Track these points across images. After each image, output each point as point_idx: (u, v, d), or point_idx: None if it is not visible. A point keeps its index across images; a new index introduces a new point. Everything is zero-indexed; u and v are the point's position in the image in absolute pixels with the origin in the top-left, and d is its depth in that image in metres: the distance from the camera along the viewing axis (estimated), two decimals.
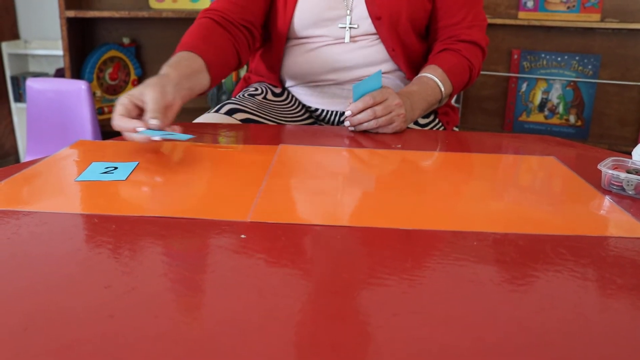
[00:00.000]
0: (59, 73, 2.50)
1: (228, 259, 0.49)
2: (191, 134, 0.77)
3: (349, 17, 1.05)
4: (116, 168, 0.70)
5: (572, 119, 2.24)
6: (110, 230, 0.53)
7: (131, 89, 0.79)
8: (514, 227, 0.57)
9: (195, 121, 1.00)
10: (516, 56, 2.24)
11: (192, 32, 0.97)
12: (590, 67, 2.17)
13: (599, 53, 2.16)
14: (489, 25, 1.15)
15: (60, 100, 1.71)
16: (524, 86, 2.27)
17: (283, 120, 1.10)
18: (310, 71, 1.11)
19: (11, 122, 2.63)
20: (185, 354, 0.35)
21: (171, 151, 0.78)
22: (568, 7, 2.13)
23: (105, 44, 2.38)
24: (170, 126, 0.78)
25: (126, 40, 2.43)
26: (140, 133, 0.73)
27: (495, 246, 0.53)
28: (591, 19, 2.10)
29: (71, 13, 2.17)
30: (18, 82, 2.53)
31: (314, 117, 1.18)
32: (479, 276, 0.47)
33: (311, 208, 0.61)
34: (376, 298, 0.43)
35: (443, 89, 1.03)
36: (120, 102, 0.77)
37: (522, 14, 2.19)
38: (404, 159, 0.81)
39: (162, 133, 0.74)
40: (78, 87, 1.69)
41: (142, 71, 2.47)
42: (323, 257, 0.50)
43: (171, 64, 0.87)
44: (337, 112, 1.14)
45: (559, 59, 2.20)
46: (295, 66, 1.13)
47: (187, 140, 0.77)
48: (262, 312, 0.40)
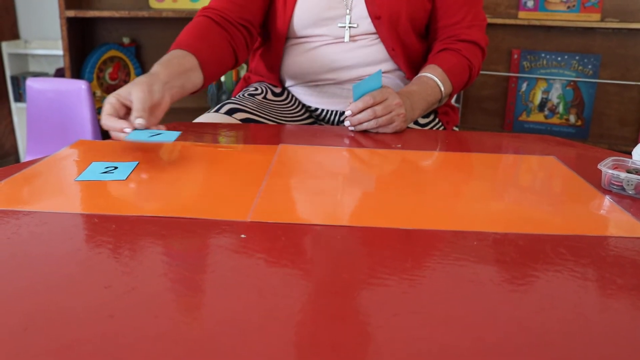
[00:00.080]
0: (59, 73, 2.50)
1: (228, 259, 0.49)
2: (178, 131, 0.77)
3: (349, 17, 1.05)
4: (116, 168, 0.70)
5: (572, 119, 2.24)
6: (110, 230, 0.53)
7: (119, 88, 0.79)
8: (514, 227, 0.57)
9: (195, 121, 1.00)
10: (516, 56, 2.24)
11: (188, 31, 0.97)
12: (590, 67, 2.17)
13: (599, 53, 2.16)
14: (489, 25, 1.15)
15: (60, 100, 1.71)
16: (524, 86, 2.27)
17: (283, 120, 1.10)
18: (310, 71, 1.11)
19: (11, 122, 2.64)
20: (185, 354, 0.35)
21: (171, 151, 0.78)
22: (568, 7, 2.13)
23: (105, 44, 2.38)
24: (156, 125, 0.78)
25: (126, 40, 2.43)
26: (127, 136, 0.73)
27: (495, 246, 0.53)
28: (591, 19, 2.10)
29: (71, 13, 2.17)
30: (18, 82, 2.53)
31: (314, 117, 1.18)
32: (479, 276, 0.47)
33: (311, 208, 0.61)
34: (376, 298, 0.43)
35: (443, 89, 1.03)
36: (108, 102, 0.77)
37: (522, 14, 2.19)
38: (404, 159, 0.81)
39: (149, 133, 0.74)
40: (78, 87, 1.69)
41: (142, 71, 2.47)
42: (323, 257, 0.50)
43: (162, 62, 0.87)
44: (337, 112, 1.14)
45: (559, 59, 2.20)
46: (295, 66, 1.13)
47: (176, 138, 0.75)
48: (262, 312, 0.40)
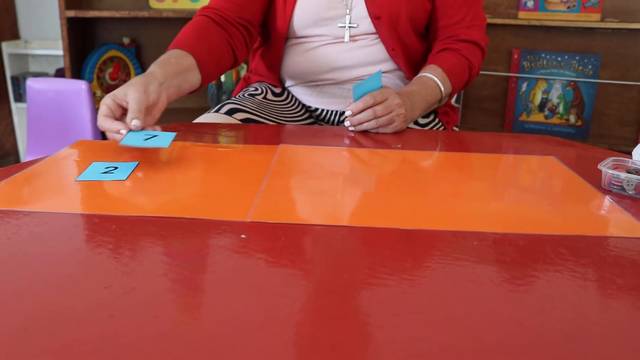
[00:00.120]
0: (59, 73, 2.50)
1: (228, 259, 0.49)
2: (173, 132, 0.76)
3: (349, 17, 1.06)
4: (116, 168, 0.70)
5: (572, 119, 2.24)
6: (110, 230, 0.53)
7: (115, 89, 0.79)
8: (514, 227, 0.57)
9: (195, 121, 1.00)
10: (516, 56, 2.24)
11: (187, 30, 0.97)
12: (590, 67, 2.17)
13: (599, 53, 2.16)
14: (489, 25, 1.16)
15: (60, 100, 1.71)
16: (524, 86, 2.27)
17: (283, 120, 1.10)
18: (310, 71, 1.11)
19: (11, 122, 2.64)
20: (185, 354, 0.35)
21: (171, 151, 0.78)
22: (568, 7, 2.13)
23: (105, 44, 2.38)
24: (152, 126, 0.78)
25: (126, 40, 2.43)
26: (122, 141, 0.73)
27: (495, 246, 0.53)
28: (591, 19, 2.10)
29: (71, 13, 2.17)
30: (18, 82, 2.53)
31: (314, 117, 1.18)
32: (479, 276, 0.47)
33: (311, 208, 0.61)
34: (376, 298, 0.43)
35: (443, 89, 1.03)
36: (104, 103, 0.77)
37: (522, 14, 2.19)
38: (404, 159, 0.81)
39: (144, 135, 0.74)
40: (78, 87, 1.69)
41: (142, 71, 2.47)
42: (323, 257, 0.50)
43: (159, 62, 0.87)
44: (337, 112, 1.14)
45: (559, 59, 2.20)
46: (294, 66, 1.13)
47: (170, 142, 0.74)
48: (262, 312, 0.40)
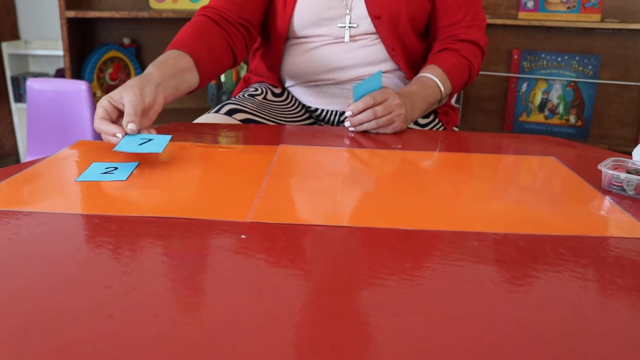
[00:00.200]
0: (59, 73, 2.50)
1: (228, 259, 0.49)
2: (168, 135, 0.76)
3: (349, 17, 1.06)
4: (116, 168, 0.70)
5: (572, 119, 2.24)
6: (110, 230, 0.53)
7: (112, 91, 0.79)
8: (514, 228, 0.57)
9: (195, 121, 1.00)
10: (516, 56, 2.24)
11: (186, 30, 0.97)
12: (590, 68, 2.17)
13: (599, 53, 2.16)
14: (489, 25, 1.16)
15: (60, 100, 1.71)
16: (524, 86, 2.27)
17: (283, 120, 1.10)
18: (309, 71, 1.11)
19: (11, 123, 2.64)
20: (185, 354, 0.35)
21: (171, 151, 0.78)
22: (568, 8, 2.13)
23: (105, 44, 2.38)
24: (148, 129, 0.78)
25: (126, 40, 2.43)
26: (116, 147, 0.72)
27: (495, 246, 0.53)
28: (591, 19, 2.10)
29: (71, 13, 2.17)
30: (18, 83, 2.53)
31: (314, 117, 1.18)
32: (479, 276, 0.47)
33: (311, 208, 0.61)
34: (376, 298, 0.43)
35: (443, 89, 1.03)
36: (100, 105, 0.77)
37: (522, 14, 2.19)
38: (404, 159, 0.81)
39: (139, 140, 0.74)
40: (78, 88, 1.69)
41: (142, 71, 2.46)
42: (323, 258, 0.50)
43: (156, 63, 0.87)
44: (337, 112, 1.14)
45: (559, 59, 2.20)
46: (294, 66, 1.13)
47: (165, 146, 0.73)
48: (262, 312, 0.40)
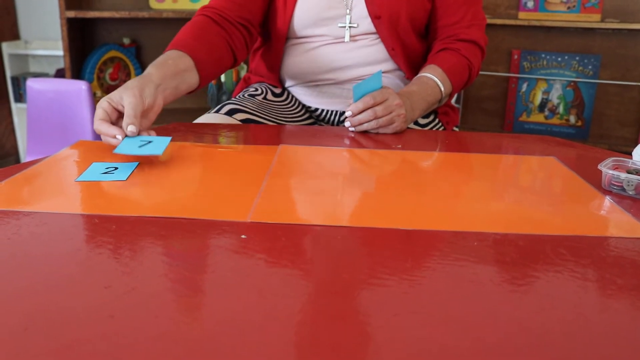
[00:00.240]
0: (59, 73, 2.50)
1: (228, 259, 0.49)
2: (168, 137, 0.76)
3: (349, 17, 1.06)
4: (116, 168, 0.70)
5: (572, 119, 2.24)
6: (110, 230, 0.53)
7: (111, 92, 0.79)
8: (514, 228, 0.57)
9: (195, 121, 1.00)
10: (516, 56, 2.24)
11: (186, 30, 0.97)
12: (590, 68, 2.17)
13: (599, 53, 2.16)
14: (489, 25, 1.16)
15: (60, 100, 1.71)
16: (524, 86, 2.27)
17: (283, 120, 1.10)
18: (310, 71, 1.11)
19: (11, 123, 2.64)
20: (185, 354, 0.35)
21: (171, 151, 0.78)
22: (568, 8, 2.13)
23: (105, 44, 2.38)
24: (147, 130, 0.78)
25: (126, 40, 2.43)
26: (116, 150, 0.72)
27: (495, 246, 0.53)
28: (591, 19, 2.10)
29: (71, 13, 2.17)
30: (18, 83, 2.53)
31: (314, 117, 1.18)
32: (479, 276, 0.47)
33: (311, 208, 0.61)
34: (376, 298, 0.43)
35: (443, 89, 1.03)
36: (100, 106, 0.77)
37: (522, 14, 2.19)
38: (404, 159, 0.81)
39: (139, 142, 0.74)
40: (78, 88, 1.69)
41: (142, 71, 2.46)
42: (323, 258, 0.50)
43: (156, 64, 0.87)
44: (337, 112, 1.14)
45: (559, 59, 2.20)
46: (295, 66, 1.13)
47: (164, 148, 0.73)
48: (262, 312, 0.40)
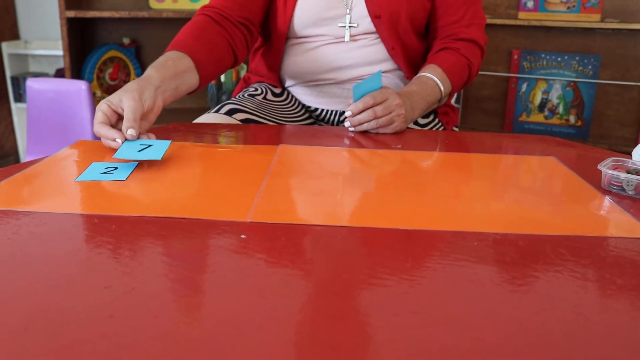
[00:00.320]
0: (59, 73, 2.50)
1: (228, 259, 0.49)
2: (168, 140, 0.76)
3: (349, 16, 1.06)
4: (116, 168, 0.70)
5: (572, 119, 2.24)
6: (110, 230, 0.53)
7: (111, 95, 0.79)
8: (514, 228, 0.57)
9: (195, 121, 1.00)
10: (516, 56, 2.24)
11: (186, 30, 0.97)
12: (590, 68, 2.17)
13: (599, 53, 2.16)
14: (489, 25, 1.16)
15: (60, 100, 1.71)
16: (524, 86, 2.27)
17: (283, 120, 1.10)
18: (310, 70, 1.11)
19: (11, 122, 2.64)
20: (185, 354, 0.35)
21: (171, 151, 0.78)
22: (568, 8, 2.13)
23: (105, 44, 2.38)
24: (147, 133, 0.78)
25: (126, 40, 2.43)
26: (115, 154, 0.72)
27: (495, 246, 0.53)
28: (591, 19, 2.10)
29: (71, 13, 2.17)
30: (18, 82, 2.53)
31: (314, 117, 1.18)
32: (479, 276, 0.47)
33: (311, 208, 0.61)
34: (376, 298, 0.43)
35: (442, 89, 1.03)
36: (99, 109, 0.77)
37: (522, 14, 2.19)
38: (404, 159, 0.81)
39: (138, 146, 0.74)
40: (78, 87, 1.69)
41: (142, 72, 2.45)
42: (323, 258, 0.50)
43: (156, 65, 0.87)
44: (337, 112, 1.14)
45: (559, 59, 2.20)
46: (295, 65, 1.13)
47: (164, 152, 0.73)
48: (262, 312, 0.40)
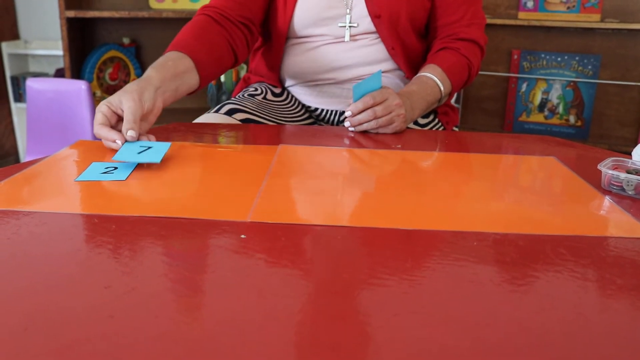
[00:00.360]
0: (59, 73, 2.50)
1: (228, 259, 0.49)
2: (168, 142, 0.76)
3: (349, 16, 1.06)
4: (116, 168, 0.70)
5: (572, 119, 2.24)
6: (110, 230, 0.53)
7: (111, 96, 0.79)
8: (514, 228, 0.57)
9: (195, 121, 1.00)
10: (516, 56, 2.24)
11: (186, 30, 0.97)
12: (590, 68, 2.17)
13: (599, 53, 2.16)
14: (489, 25, 1.16)
15: (60, 100, 1.71)
16: (524, 86, 2.27)
17: (283, 120, 1.10)
18: (310, 70, 1.11)
19: (11, 122, 2.64)
20: (185, 354, 0.35)
21: (171, 151, 0.78)
22: (568, 8, 2.13)
23: (105, 44, 2.38)
24: (147, 135, 0.79)
25: (126, 40, 2.43)
26: (115, 156, 0.72)
27: (495, 246, 0.53)
28: (591, 19, 2.10)
29: (71, 13, 2.17)
30: (18, 82, 2.53)
31: (314, 117, 1.18)
32: (479, 276, 0.47)
33: (311, 208, 0.61)
34: (376, 298, 0.43)
35: (442, 88, 1.03)
36: (99, 110, 0.77)
37: (522, 14, 2.19)
38: (404, 159, 0.81)
39: (138, 148, 0.74)
40: (78, 87, 1.69)
41: (142, 71, 2.47)
42: (323, 258, 0.50)
43: (156, 66, 0.87)
44: (337, 112, 1.14)
45: (559, 59, 2.20)
46: (295, 65, 1.13)
47: (163, 155, 0.73)
48: (262, 312, 0.40)
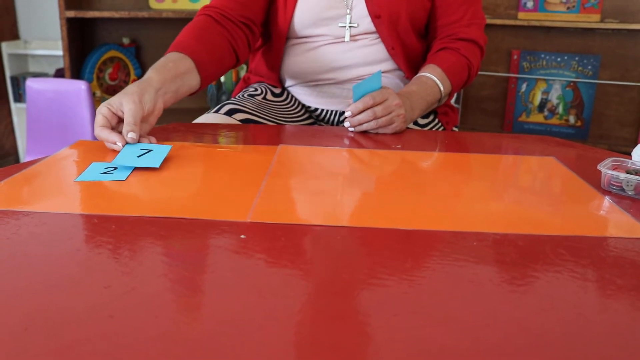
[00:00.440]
0: (59, 73, 2.50)
1: (228, 259, 0.49)
2: (168, 145, 0.77)
3: (349, 16, 1.06)
4: (116, 168, 0.70)
5: (572, 120, 2.24)
6: (110, 230, 0.53)
7: (111, 97, 0.79)
8: (514, 228, 0.57)
9: (195, 121, 1.00)
10: (516, 56, 2.24)
11: (187, 31, 0.97)
12: (590, 68, 2.17)
13: (599, 53, 2.16)
14: (489, 25, 1.16)
15: (60, 100, 1.71)
16: (524, 86, 2.27)
17: (283, 120, 1.10)
18: (310, 70, 1.11)
19: (11, 122, 2.64)
20: (185, 354, 0.35)
21: (171, 151, 0.78)
22: (568, 8, 2.13)
23: (105, 44, 2.38)
24: (147, 137, 0.79)
25: (126, 40, 2.43)
26: (115, 159, 0.72)
27: (495, 246, 0.53)
28: (591, 20, 2.11)
29: (71, 13, 2.17)
30: (18, 82, 2.53)
31: (314, 117, 1.18)
32: (479, 276, 0.47)
33: (311, 208, 0.61)
34: (376, 298, 0.43)
35: (442, 89, 1.03)
36: (100, 112, 0.77)
37: (522, 15, 2.19)
38: (404, 160, 0.81)
39: (138, 151, 0.74)
40: (78, 87, 1.69)
41: (142, 71, 2.47)
42: (323, 258, 0.50)
43: (156, 67, 0.87)
44: (337, 112, 1.14)
45: (559, 60, 2.20)
46: (295, 65, 1.13)
47: (164, 158, 0.73)
48: (262, 312, 0.40)
